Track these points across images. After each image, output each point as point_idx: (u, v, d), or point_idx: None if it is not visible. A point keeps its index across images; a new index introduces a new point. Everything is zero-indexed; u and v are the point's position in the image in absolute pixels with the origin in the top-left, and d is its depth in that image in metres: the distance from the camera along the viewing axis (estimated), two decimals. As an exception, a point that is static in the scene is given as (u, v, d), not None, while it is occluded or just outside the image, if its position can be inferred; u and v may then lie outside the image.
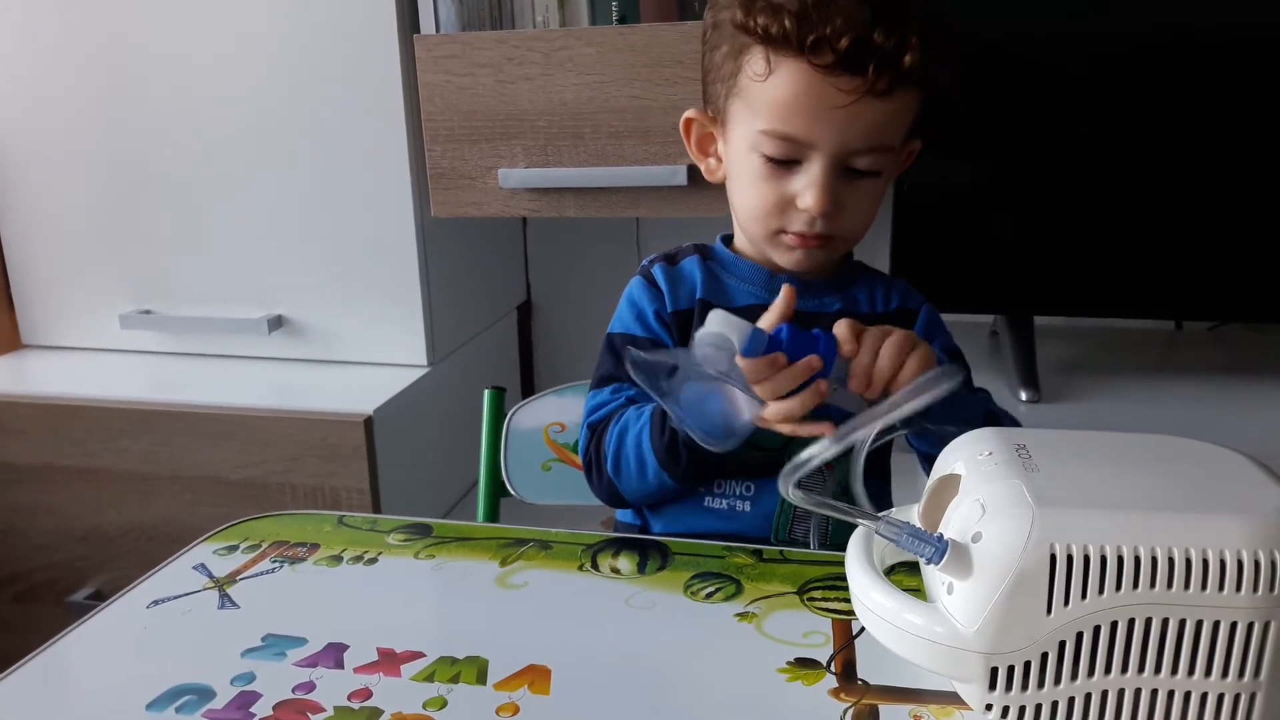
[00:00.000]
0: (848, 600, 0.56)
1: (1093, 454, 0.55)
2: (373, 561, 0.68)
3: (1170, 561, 0.46)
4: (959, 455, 0.56)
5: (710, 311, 0.63)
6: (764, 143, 0.72)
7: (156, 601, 0.64)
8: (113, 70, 1.34)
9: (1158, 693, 0.48)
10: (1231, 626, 0.46)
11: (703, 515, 0.78)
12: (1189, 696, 0.47)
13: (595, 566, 0.66)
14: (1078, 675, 0.48)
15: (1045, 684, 0.48)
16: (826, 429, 0.60)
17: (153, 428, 1.27)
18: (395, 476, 1.27)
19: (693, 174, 1.16)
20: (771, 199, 0.74)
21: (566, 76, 1.19)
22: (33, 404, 1.30)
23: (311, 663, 0.56)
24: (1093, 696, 0.48)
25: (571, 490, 0.92)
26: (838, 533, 0.75)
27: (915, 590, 0.54)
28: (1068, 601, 0.47)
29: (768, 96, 0.71)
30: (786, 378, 0.63)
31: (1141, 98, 1.14)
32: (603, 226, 1.63)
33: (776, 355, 0.63)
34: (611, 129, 1.19)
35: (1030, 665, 0.48)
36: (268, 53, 1.29)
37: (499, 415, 0.96)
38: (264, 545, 0.71)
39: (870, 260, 0.86)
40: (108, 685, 0.56)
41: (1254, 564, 0.46)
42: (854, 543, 0.57)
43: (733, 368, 0.62)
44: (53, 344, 1.51)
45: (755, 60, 0.71)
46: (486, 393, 0.97)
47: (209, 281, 1.41)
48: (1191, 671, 0.47)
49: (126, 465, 1.28)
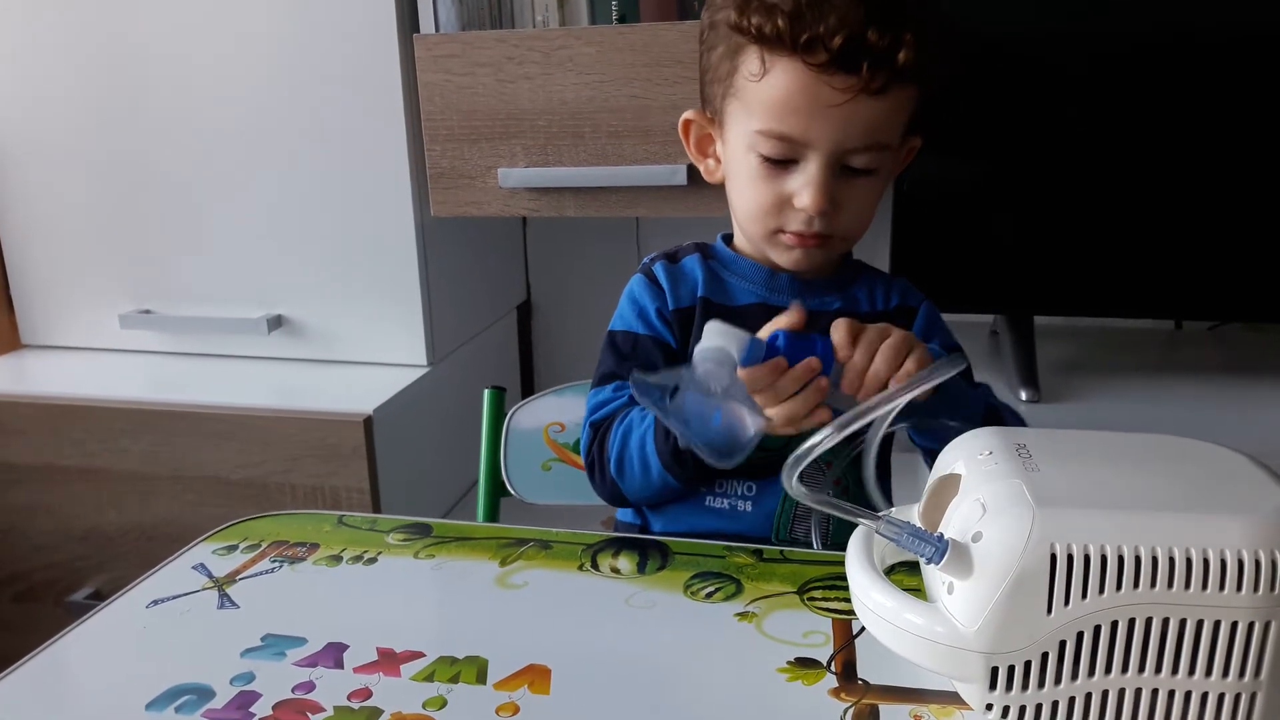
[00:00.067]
0: (848, 600, 0.56)
1: (1093, 454, 0.55)
2: (372, 561, 0.68)
3: (1170, 561, 0.46)
4: (959, 455, 0.56)
5: (706, 324, 0.63)
6: (760, 142, 0.72)
7: (156, 601, 0.64)
8: (113, 70, 1.34)
9: (1158, 693, 0.48)
10: (1232, 626, 0.46)
11: (704, 515, 0.79)
12: (1189, 696, 0.47)
13: (595, 566, 0.66)
14: (1078, 675, 0.48)
15: (1046, 684, 0.48)
16: (826, 415, 0.61)
17: (153, 428, 1.27)
18: (395, 476, 1.27)
19: (692, 174, 1.16)
20: (769, 199, 0.74)
21: (566, 76, 1.19)
22: (33, 404, 1.30)
23: (311, 662, 0.56)
24: (1093, 696, 0.48)
25: (571, 490, 0.92)
26: (838, 532, 0.75)
27: (915, 590, 0.54)
28: (1068, 601, 0.47)
29: (763, 96, 0.71)
30: (788, 382, 0.64)
31: (1141, 97, 1.14)
32: (602, 226, 1.63)
33: (778, 360, 0.63)
34: (611, 129, 1.19)
35: (1031, 665, 0.48)
36: (268, 53, 1.28)
37: (499, 415, 0.96)
38: (263, 545, 0.71)
39: (870, 260, 0.86)
40: (107, 685, 0.56)
41: (1254, 564, 0.46)
42: (854, 542, 0.57)
43: (734, 382, 0.62)
44: (52, 344, 1.51)
45: (750, 60, 0.71)
46: (486, 392, 0.97)
47: (209, 281, 1.41)
48: (1192, 671, 0.47)
49: (126, 465, 1.28)
